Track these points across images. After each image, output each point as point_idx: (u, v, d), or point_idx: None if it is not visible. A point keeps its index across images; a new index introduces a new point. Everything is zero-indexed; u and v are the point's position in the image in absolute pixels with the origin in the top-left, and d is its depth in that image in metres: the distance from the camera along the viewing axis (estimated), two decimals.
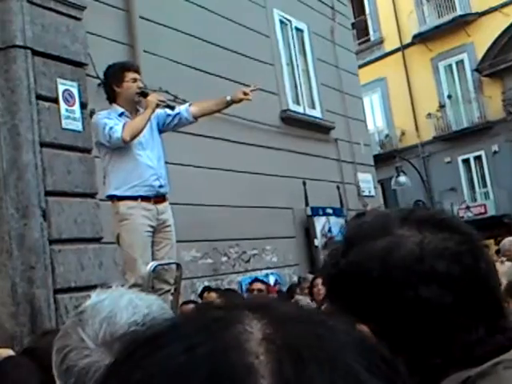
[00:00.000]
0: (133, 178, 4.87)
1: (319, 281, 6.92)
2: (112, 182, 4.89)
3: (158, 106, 5.02)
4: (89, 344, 1.14)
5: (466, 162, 23.08)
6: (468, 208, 21.66)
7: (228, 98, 5.32)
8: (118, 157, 4.94)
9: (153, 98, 5.06)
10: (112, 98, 5.11)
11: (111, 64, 5.27)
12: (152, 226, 4.91)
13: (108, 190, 4.93)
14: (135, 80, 5.08)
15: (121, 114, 5.01)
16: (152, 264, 4.58)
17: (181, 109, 5.28)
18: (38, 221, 5.23)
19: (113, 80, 5.07)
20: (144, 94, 5.09)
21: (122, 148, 4.89)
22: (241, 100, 5.33)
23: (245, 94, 5.31)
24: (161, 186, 5.03)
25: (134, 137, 4.85)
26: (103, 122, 4.88)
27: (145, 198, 4.88)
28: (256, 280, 7.69)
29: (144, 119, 4.93)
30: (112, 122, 4.87)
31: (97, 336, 1.14)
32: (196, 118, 5.34)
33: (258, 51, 10.06)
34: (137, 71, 5.19)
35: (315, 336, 0.53)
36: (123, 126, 4.83)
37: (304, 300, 6.51)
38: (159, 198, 5.04)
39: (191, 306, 5.90)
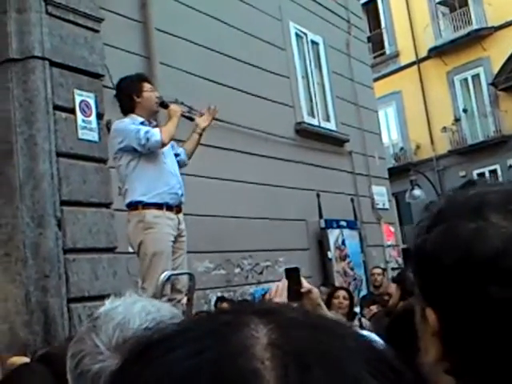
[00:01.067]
0: (159, 185, 4.90)
1: (341, 293, 6.86)
2: (137, 188, 4.89)
3: (181, 115, 5.16)
4: (102, 349, 1.16)
5: (481, 175, 22.97)
6: None
7: (198, 130, 5.37)
8: (144, 163, 4.96)
9: (176, 107, 5.24)
10: (130, 109, 5.15)
11: (125, 76, 5.33)
12: (174, 236, 4.95)
13: (132, 196, 4.88)
14: (153, 90, 5.18)
15: (142, 123, 5.07)
16: (166, 274, 4.60)
17: (179, 151, 5.39)
18: (53, 230, 5.28)
19: (132, 90, 5.12)
20: (164, 105, 5.18)
21: (149, 155, 4.94)
22: (208, 125, 5.39)
23: (206, 116, 5.42)
24: (182, 195, 5.10)
25: (169, 141, 4.99)
26: (134, 128, 4.91)
27: (169, 207, 4.93)
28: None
29: (174, 125, 5.04)
30: (145, 127, 4.95)
31: (110, 341, 1.16)
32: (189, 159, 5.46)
33: (274, 64, 10.11)
34: (150, 82, 5.29)
35: (321, 342, 0.53)
36: (160, 130, 4.95)
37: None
38: (179, 208, 5.09)
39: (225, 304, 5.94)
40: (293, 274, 2.69)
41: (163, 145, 4.92)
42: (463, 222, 0.88)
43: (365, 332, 4.04)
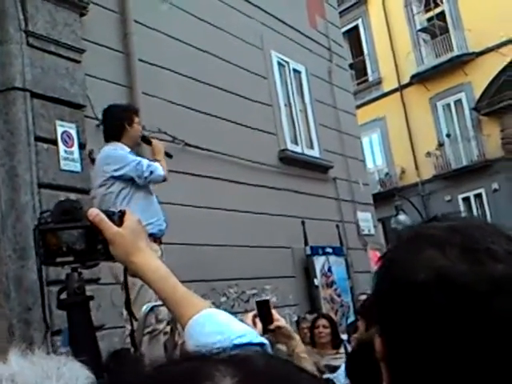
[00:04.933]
0: (148, 216, 4.90)
1: (321, 322, 6.81)
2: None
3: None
4: None
5: (467, 200, 23.11)
6: None
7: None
8: (136, 193, 5.03)
9: (160, 144, 5.41)
10: (117, 136, 5.19)
11: (117, 104, 5.43)
12: None
13: None
14: (139, 124, 5.30)
15: (130, 153, 5.14)
16: (148, 305, 4.56)
17: None
18: (35, 262, 5.22)
19: (125, 119, 5.22)
20: (146, 141, 5.31)
21: (141, 186, 5.05)
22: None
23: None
24: (166, 227, 5.16)
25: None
26: (134, 158, 5.02)
27: (155, 239, 4.94)
28: None
29: (164, 163, 5.21)
30: (145, 159, 5.04)
31: None
32: None
33: (256, 92, 10.16)
34: (138, 116, 5.39)
35: None
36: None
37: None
38: (161, 238, 5.13)
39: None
40: (264, 307, 2.66)
41: (164, 180, 5.06)
42: (401, 252, 0.95)
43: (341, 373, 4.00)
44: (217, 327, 1.28)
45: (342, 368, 4.62)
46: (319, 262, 10.43)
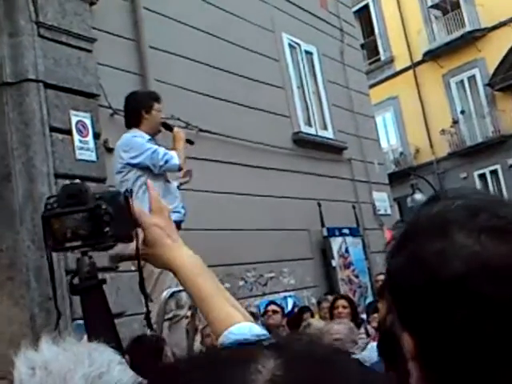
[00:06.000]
0: (165, 203, 4.93)
1: (340, 302, 6.84)
2: (143, 205, 4.90)
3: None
4: None
5: (483, 176, 22.98)
6: None
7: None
8: (153, 180, 5.01)
9: (181, 131, 5.40)
10: (135, 123, 5.21)
11: (137, 91, 5.46)
12: None
13: None
14: (159, 111, 5.26)
15: (149, 140, 5.15)
16: (168, 291, 4.59)
17: None
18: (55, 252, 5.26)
19: (142, 106, 5.23)
20: (167, 126, 5.30)
21: (157, 174, 5.05)
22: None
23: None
24: (185, 214, 5.16)
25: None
26: (150, 146, 5.03)
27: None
28: (271, 303, 7.79)
29: (183, 151, 5.21)
30: (162, 148, 5.02)
31: None
32: None
33: (268, 75, 10.14)
34: (160, 103, 5.36)
35: (322, 379, 0.55)
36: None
37: (317, 323, 6.46)
38: (180, 224, 5.13)
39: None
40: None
41: (180, 169, 5.04)
42: (428, 242, 0.86)
43: (366, 354, 4.01)
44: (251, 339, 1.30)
45: (369, 346, 4.65)
46: (336, 243, 10.45)
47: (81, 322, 1.58)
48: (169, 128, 5.39)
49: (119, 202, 1.46)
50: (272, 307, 7.54)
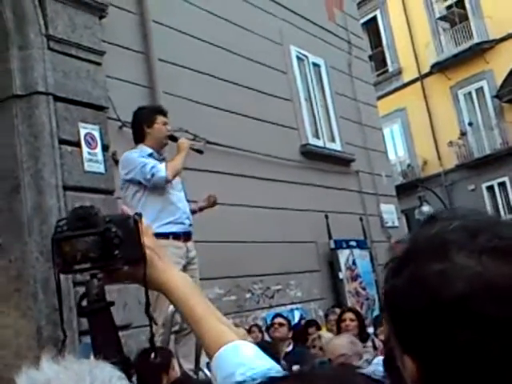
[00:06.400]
0: (165, 216, 4.96)
1: (348, 315, 6.82)
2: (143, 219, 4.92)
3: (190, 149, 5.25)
4: None
5: (491, 188, 22.91)
6: None
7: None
8: (150, 195, 5.05)
9: (185, 141, 5.35)
10: (140, 138, 5.24)
11: (142, 106, 5.47)
12: (182, 265, 4.97)
13: None
14: (165, 123, 5.25)
15: (150, 154, 5.16)
16: None
17: None
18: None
19: (144, 121, 5.25)
20: (173, 138, 5.29)
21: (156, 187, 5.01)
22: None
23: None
24: (190, 225, 5.16)
25: (174, 177, 5.08)
26: (141, 161, 5.02)
27: (176, 236, 4.96)
28: (277, 315, 7.78)
29: (181, 161, 5.16)
30: (152, 161, 5.01)
31: None
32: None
33: (276, 87, 10.16)
34: (166, 116, 5.35)
35: None
36: (166, 166, 4.98)
37: (328, 335, 6.46)
38: (188, 236, 5.14)
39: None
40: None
41: (167, 181, 4.99)
42: (428, 264, 0.85)
43: (371, 369, 4.00)
44: (244, 359, 1.30)
45: (376, 360, 4.63)
46: (343, 255, 10.43)
47: (87, 341, 1.59)
48: (175, 139, 5.37)
49: (129, 225, 1.46)
50: (278, 320, 7.52)
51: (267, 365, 1.30)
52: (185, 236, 5.13)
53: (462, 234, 0.86)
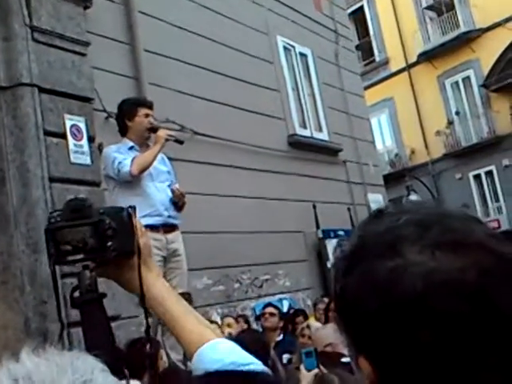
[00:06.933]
0: (142, 209, 4.92)
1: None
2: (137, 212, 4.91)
3: (167, 140, 5.16)
4: None
5: (478, 177, 23.04)
6: None
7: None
8: (126, 189, 5.03)
9: (162, 133, 5.25)
10: (123, 132, 5.24)
11: (126, 98, 5.44)
12: (162, 256, 4.96)
13: None
14: (147, 115, 5.23)
15: (130, 148, 5.15)
16: None
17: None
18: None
19: (125, 114, 5.22)
20: (154, 130, 5.23)
21: (131, 181, 5.00)
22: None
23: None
24: (170, 216, 5.11)
25: (142, 171, 5.01)
26: (113, 156, 5.01)
27: (154, 228, 4.92)
28: (268, 305, 7.75)
29: (153, 154, 5.08)
30: (121, 156, 5.00)
31: None
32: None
33: (263, 78, 10.15)
34: (150, 107, 5.33)
35: None
36: (132, 161, 4.95)
37: (317, 324, 6.47)
38: (168, 228, 5.11)
39: None
40: None
41: (132, 176, 4.96)
42: (379, 261, 0.81)
43: None
44: (222, 356, 1.32)
45: None
46: (331, 244, 10.44)
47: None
48: (154, 131, 5.29)
49: (122, 217, 1.48)
50: (269, 309, 7.47)
51: (246, 361, 1.31)
52: (164, 227, 5.09)
53: (412, 228, 0.82)
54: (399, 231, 0.83)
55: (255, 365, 1.31)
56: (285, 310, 8.89)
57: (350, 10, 20.21)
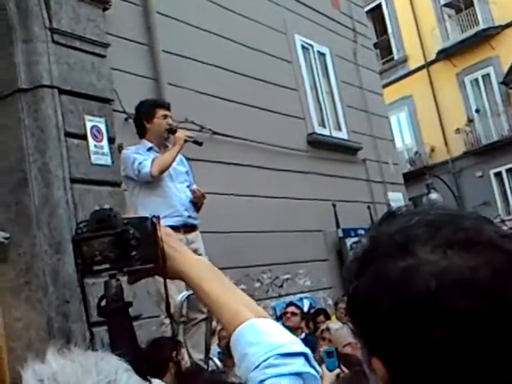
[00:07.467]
0: (162, 209, 4.93)
1: None
2: (141, 214, 4.94)
3: (185, 141, 5.18)
4: None
5: (498, 175, 22.82)
6: (503, 222, 21.33)
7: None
8: (147, 189, 5.05)
9: (181, 134, 5.27)
10: (141, 133, 5.26)
11: (143, 100, 5.45)
12: None
13: None
14: (165, 117, 5.24)
15: (149, 149, 5.16)
16: (184, 294, 4.60)
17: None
18: (71, 256, 5.29)
19: (143, 116, 5.23)
20: (172, 131, 5.24)
21: (151, 182, 5.02)
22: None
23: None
24: (190, 217, 5.13)
25: (162, 172, 5.03)
26: (132, 157, 5.03)
27: (174, 229, 4.92)
28: (290, 304, 7.74)
29: (172, 155, 5.11)
30: (141, 157, 5.02)
31: None
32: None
33: (282, 77, 10.14)
34: (168, 108, 5.34)
35: None
36: (152, 161, 4.97)
37: (335, 326, 6.44)
38: (188, 228, 5.12)
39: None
40: None
41: (153, 177, 4.98)
42: (391, 262, 0.82)
43: None
44: (258, 337, 1.29)
45: None
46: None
47: None
48: (173, 132, 5.29)
49: (146, 226, 1.51)
50: (291, 309, 7.45)
51: (283, 340, 1.29)
52: (184, 228, 5.11)
53: (424, 228, 0.83)
54: (411, 231, 0.84)
55: (292, 343, 1.28)
56: (305, 309, 8.88)
57: (367, 8, 20.15)
